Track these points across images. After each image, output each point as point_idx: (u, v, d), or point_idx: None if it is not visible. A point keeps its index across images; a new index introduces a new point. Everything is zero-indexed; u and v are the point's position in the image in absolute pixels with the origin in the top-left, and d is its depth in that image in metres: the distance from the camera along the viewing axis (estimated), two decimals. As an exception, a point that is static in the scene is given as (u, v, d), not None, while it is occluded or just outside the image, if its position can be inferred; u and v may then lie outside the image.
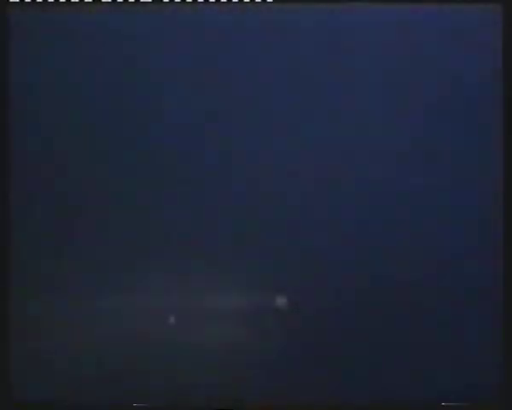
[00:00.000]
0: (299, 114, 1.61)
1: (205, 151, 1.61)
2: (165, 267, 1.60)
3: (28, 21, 1.60)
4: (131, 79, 1.62)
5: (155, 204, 1.61)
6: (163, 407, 1.58)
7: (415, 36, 1.59)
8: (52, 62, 1.61)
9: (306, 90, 1.60)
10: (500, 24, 1.56)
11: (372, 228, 1.59)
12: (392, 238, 1.59)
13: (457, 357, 1.58)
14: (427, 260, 1.59)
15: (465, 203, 1.59)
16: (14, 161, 1.60)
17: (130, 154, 1.62)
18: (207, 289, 1.60)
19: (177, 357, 1.59)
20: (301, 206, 1.60)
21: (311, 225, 1.60)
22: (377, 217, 1.59)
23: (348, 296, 1.59)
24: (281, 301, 1.60)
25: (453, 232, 1.59)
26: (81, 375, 1.59)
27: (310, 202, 1.60)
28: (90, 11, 1.60)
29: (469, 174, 1.60)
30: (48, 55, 1.61)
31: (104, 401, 1.57)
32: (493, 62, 1.57)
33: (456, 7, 1.58)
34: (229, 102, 1.61)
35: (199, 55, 1.61)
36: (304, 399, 1.56)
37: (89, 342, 1.59)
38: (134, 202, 1.61)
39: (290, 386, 1.58)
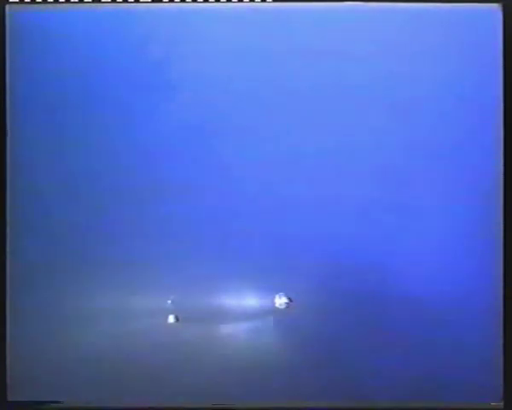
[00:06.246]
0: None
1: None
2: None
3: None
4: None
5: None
6: (163, 407, 1.56)
7: (413, 35, 1.61)
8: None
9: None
10: (500, 24, 1.59)
11: (370, 224, 1.60)
12: (390, 237, 1.60)
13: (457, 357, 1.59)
14: (427, 260, 1.60)
15: (464, 203, 1.61)
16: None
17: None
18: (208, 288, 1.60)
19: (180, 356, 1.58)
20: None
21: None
22: (375, 213, 1.60)
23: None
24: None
25: (452, 231, 1.60)
26: (78, 375, 1.58)
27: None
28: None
29: (468, 174, 1.61)
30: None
31: (101, 401, 1.56)
32: (493, 63, 1.60)
33: (455, 7, 1.61)
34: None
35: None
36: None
37: (87, 342, 1.58)
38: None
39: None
